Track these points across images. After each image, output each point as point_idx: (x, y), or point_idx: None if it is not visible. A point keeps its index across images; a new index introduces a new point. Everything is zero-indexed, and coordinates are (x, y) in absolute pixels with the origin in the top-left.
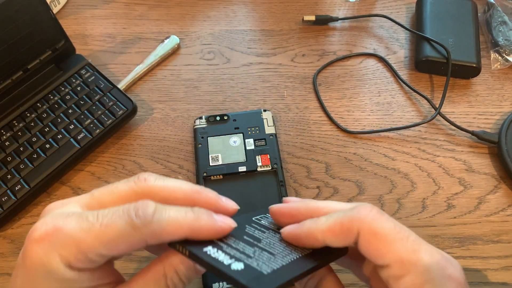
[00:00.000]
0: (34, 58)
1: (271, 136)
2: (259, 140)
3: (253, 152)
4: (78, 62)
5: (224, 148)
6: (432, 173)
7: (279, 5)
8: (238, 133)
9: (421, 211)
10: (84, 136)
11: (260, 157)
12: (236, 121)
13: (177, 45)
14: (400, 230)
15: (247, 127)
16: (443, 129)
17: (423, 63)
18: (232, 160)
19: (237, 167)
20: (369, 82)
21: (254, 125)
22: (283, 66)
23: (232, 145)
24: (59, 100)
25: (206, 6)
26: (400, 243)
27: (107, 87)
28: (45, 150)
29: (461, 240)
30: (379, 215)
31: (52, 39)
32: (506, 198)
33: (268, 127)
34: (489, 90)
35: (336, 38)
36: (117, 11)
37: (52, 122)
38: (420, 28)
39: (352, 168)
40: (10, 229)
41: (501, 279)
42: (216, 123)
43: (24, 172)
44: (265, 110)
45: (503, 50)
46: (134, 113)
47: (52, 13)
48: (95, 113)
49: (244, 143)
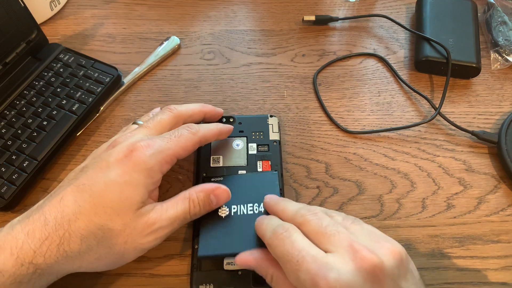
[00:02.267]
0: (10, 52)
1: (274, 142)
2: (262, 145)
3: (254, 157)
4: (54, 49)
5: (226, 150)
6: (432, 173)
7: (279, 5)
8: (242, 137)
9: (421, 211)
10: (79, 106)
11: (261, 163)
12: (242, 124)
13: (177, 46)
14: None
15: (251, 131)
16: (443, 129)
17: (423, 63)
18: (233, 163)
19: (237, 171)
20: (369, 82)
21: (259, 130)
22: (283, 66)
23: (234, 148)
24: (45, 84)
25: (206, 6)
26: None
27: (89, 62)
28: (43, 127)
29: (461, 240)
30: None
31: (25, 30)
32: (506, 198)
33: (272, 133)
34: (489, 90)
35: (336, 38)
36: (117, 11)
37: (43, 103)
38: (420, 28)
39: (352, 168)
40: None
41: (501, 279)
42: None
43: (28, 150)
44: (272, 115)
45: (503, 50)
46: (120, 79)
47: (21, 2)
48: (83, 86)
49: (247, 147)
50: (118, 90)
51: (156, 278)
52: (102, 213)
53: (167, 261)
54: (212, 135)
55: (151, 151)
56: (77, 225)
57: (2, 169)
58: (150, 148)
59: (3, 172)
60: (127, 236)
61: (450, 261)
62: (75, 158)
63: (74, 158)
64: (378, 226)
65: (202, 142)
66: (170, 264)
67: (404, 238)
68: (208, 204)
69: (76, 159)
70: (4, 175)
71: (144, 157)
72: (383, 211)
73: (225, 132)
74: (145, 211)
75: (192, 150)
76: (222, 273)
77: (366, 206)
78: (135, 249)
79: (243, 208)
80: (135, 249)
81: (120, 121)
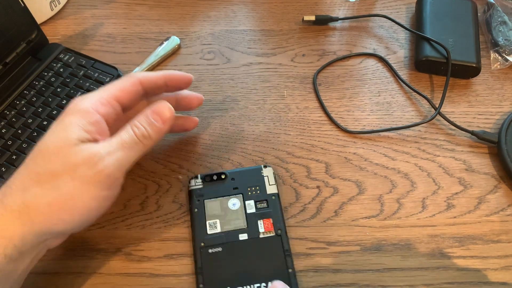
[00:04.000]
0: (10, 52)
1: (273, 196)
2: (260, 201)
3: (254, 217)
4: (54, 49)
5: (222, 213)
6: (432, 173)
7: (279, 5)
8: (238, 194)
9: (421, 211)
10: None
11: (262, 222)
12: (235, 180)
13: (177, 46)
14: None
15: (247, 187)
16: (443, 129)
17: (423, 63)
18: (231, 227)
19: (238, 235)
20: (369, 82)
21: (254, 184)
22: (283, 66)
23: (231, 209)
24: (45, 84)
25: (206, 6)
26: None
27: (89, 62)
28: (43, 127)
29: (461, 240)
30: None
31: (25, 30)
32: (506, 198)
33: (269, 186)
34: (489, 90)
35: (336, 38)
36: (117, 11)
37: (43, 103)
38: (420, 28)
39: (352, 168)
40: None
41: (501, 279)
42: (213, 183)
43: (28, 150)
44: (266, 166)
45: (503, 50)
46: (119, 78)
47: (21, 2)
48: (83, 86)
49: (244, 206)
50: None
51: (156, 278)
52: (40, 159)
53: (167, 261)
54: (155, 76)
55: (86, 98)
56: (20, 179)
57: (2, 169)
58: (85, 96)
59: (3, 172)
60: (70, 172)
61: (450, 261)
62: None
63: None
64: (378, 226)
65: (143, 83)
66: (170, 264)
67: (404, 238)
68: (153, 125)
69: None
70: (5, 175)
71: (77, 102)
72: (383, 211)
73: (177, 78)
74: (86, 147)
75: (133, 91)
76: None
77: (366, 206)
78: (87, 183)
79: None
80: (87, 183)
81: None
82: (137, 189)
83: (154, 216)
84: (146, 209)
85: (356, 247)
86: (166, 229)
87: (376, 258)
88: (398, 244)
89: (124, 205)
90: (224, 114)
